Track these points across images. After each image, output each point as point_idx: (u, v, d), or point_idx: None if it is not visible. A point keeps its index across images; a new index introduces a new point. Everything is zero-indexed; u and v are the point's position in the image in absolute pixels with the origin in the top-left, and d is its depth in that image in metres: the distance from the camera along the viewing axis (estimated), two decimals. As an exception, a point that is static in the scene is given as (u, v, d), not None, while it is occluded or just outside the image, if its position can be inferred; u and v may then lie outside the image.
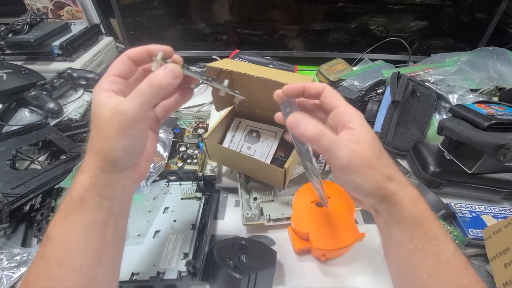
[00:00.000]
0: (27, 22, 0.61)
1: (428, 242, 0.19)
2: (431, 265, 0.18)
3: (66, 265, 0.18)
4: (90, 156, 0.19)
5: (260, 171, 0.37)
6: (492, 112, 0.37)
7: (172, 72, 0.19)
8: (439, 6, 0.62)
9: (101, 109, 0.18)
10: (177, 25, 0.69)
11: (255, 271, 0.26)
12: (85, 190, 0.19)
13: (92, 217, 0.19)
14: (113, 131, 0.18)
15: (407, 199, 0.19)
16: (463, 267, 0.18)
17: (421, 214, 0.19)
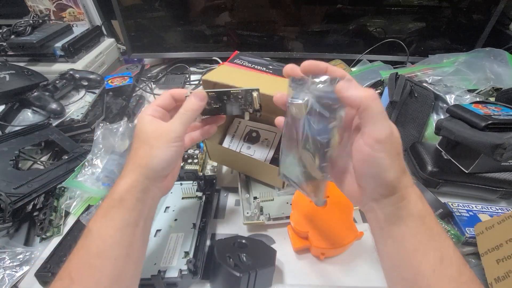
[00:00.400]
0: (29, 24, 0.61)
1: (432, 238, 0.19)
2: (435, 261, 0.18)
3: (103, 256, 0.21)
4: (133, 164, 0.23)
5: (260, 171, 0.37)
6: (489, 112, 0.37)
7: (198, 96, 0.25)
8: (436, 8, 0.63)
9: (148, 128, 0.24)
10: (178, 27, 0.69)
11: (255, 270, 0.26)
12: (126, 192, 0.22)
13: (127, 216, 0.22)
14: (159, 144, 0.23)
15: (415, 194, 0.20)
16: (463, 264, 0.19)
17: (426, 211, 0.20)
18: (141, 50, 0.72)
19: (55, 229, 0.35)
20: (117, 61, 0.76)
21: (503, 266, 0.27)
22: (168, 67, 0.72)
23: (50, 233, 0.35)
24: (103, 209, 0.22)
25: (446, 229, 0.33)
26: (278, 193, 0.38)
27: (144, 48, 0.71)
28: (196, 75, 0.69)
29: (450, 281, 0.18)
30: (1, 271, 0.31)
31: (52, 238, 0.35)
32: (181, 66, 0.71)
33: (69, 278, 0.20)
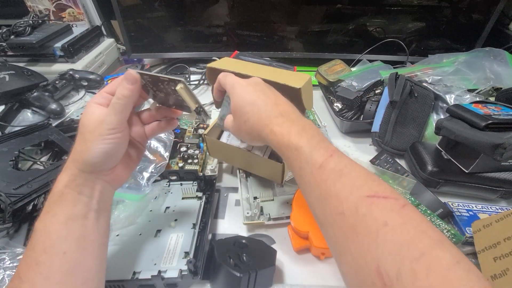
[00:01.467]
0: (29, 24, 0.61)
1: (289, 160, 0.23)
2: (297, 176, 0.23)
3: (50, 251, 0.21)
4: (71, 158, 0.23)
5: (259, 166, 0.37)
6: (489, 112, 0.37)
7: (128, 79, 0.23)
8: (436, 8, 0.63)
9: (86, 119, 0.23)
10: (178, 27, 0.69)
11: (255, 270, 0.26)
12: (64, 186, 0.22)
13: (71, 210, 0.22)
14: (93, 137, 0.22)
15: (266, 136, 0.25)
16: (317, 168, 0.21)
17: (278, 141, 0.24)
18: (141, 50, 0.72)
19: (55, 230, 0.35)
20: (117, 61, 0.76)
21: (500, 264, 0.27)
22: (168, 67, 0.72)
23: (50, 234, 0.35)
24: (46, 206, 0.22)
25: (446, 229, 0.33)
26: (278, 193, 0.38)
27: (144, 48, 0.71)
28: (196, 75, 0.69)
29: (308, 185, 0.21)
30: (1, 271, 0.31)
31: (52, 239, 0.35)
32: (181, 66, 0.70)
33: (18, 278, 0.20)
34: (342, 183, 0.19)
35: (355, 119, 0.53)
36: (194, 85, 0.65)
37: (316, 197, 0.20)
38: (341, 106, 0.55)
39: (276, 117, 0.24)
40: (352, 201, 0.18)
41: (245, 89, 0.27)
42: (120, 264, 0.30)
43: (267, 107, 0.25)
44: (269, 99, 0.26)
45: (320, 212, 0.20)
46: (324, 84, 0.59)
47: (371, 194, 0.18)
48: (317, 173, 0.20)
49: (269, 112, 0.25)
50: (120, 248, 0.32)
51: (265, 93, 0.26)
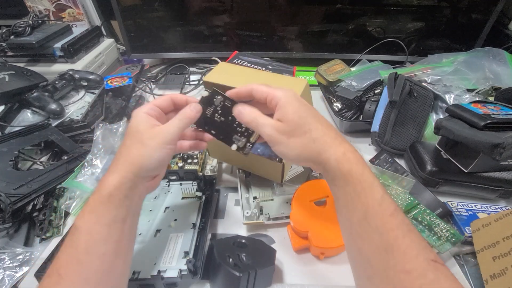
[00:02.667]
0: (29, 24, 0.61)
1: (357, 195, 0.21)
2: (360, 215, 0.21)
3: (92, 252, 0.21)
4: (124, 160, 0.23)
5: (259, 165, 0.37)
6: (488, 111, 0.37)
7: (195, 108, 0.26)
8: (436, 8, 0.63)
9: (143, 126, 0.24)
10: (178, 27, 0.69)
11: (254, 269, 0.26)
12: (114, 188, 0.22)
13: (115, 212, 0.22)
14: (154, 143, 0.23)
15: (333, 157, 0.22)
16: (388, 214, 0.20)
17: (347, 170, 0.21)
18: (140, 50, 0.72)
19: (55, 230, 0.35)
20: (117, 61, 0.76)
21: (499, 263, 0.27)
22: (167, 67, 0.72)
23: (50, 234, 0.35)
24: (91, 205, 0.22)
25: (445, 228, 0.33)
26: (278, 193, 0.38)
27: (143, 48, 0.71)
28: (196, 75, 0.69)
29: (373, 231, 0.20)
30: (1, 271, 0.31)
31: (52, 239, 0.35)
32: (181, 66, 0.71)
33: (57, 274, 0.20)
34: (411, 239, 0.19)
35: (354, 119, 0.53)
36: (194, 85, 0.65)
37: (378, 246, 0.19)
38: (340, 106, 0.55)
39: (346, 143, 0.23)
40: (420, 262, 0.18)
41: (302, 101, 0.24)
42: (120, 264, 0.30)
43: (334, 129, 0.24)
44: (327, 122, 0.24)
45: (379, 264, 0.19)
46: (323, 84, 0.59)
47: (434, 258, 0.18)
48: (387, 220, 0.20)
49: (337, 134, 0.23)
50: (119, 248, 0.32)
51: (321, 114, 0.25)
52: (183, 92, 0.64)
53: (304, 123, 0.23)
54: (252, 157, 0.37)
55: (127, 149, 0.24)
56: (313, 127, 0.23)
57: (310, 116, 0.23)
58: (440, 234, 0.32)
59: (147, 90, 0.63)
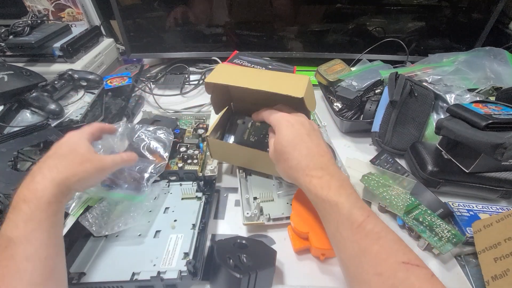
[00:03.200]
0: (28, 24, 0.61)
1: (327, 213, 0.25)
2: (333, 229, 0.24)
3: (33, 258, 0.22)
4: (58, 173, 0.25)
5: (264, 162, 0.37)
6: (489, 111, 0.37)
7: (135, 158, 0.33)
8: (436, 7, 0.63)
9: (83, 149, 0.28)
10: (177, 27, 0.69)
11: (255, 271, 0.26)
12: (53, 196, 0.24)
13: (54, 219, 0.24)
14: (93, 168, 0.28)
15: (303, 184, 0.26)
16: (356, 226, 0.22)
17: (314, 194, 0.25)
18: (140, 50, 0.71)
19: (54, 231, 0.35)
20: (116, 61, 0.75)
21: (501, 264, 0.27)
22: (167, 67, 0.72)
23: (49, 235, 0.35)
24: (26, 214, 0.22)
25: (446, 229, 0.33)
26: (278, 193, 0.38)
27: (143, 48, 0.71)
28: (196, 75, 0.69)
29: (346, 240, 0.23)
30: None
31: (51, 240, 0.35)
32: (181, 66, 0.70)
33: None
34: (380, 245, 0.21)
35: (355, 119, 0.53)
36: (194, 85, 0.65)
37: (351, 254, 0.22)
38: (341, 106, 0.55)
39: (316, 169, 0.26)
40: (390, 264, 0.20)
41: (290, 129, 0.28)
42: (119, 265, 0.30)
43: (308, 156, 0.27)
44: (312, 147, 0.27)
45: (355, 269, 0.22)
46: (324, 84, 0.59)
47: (406, 260, 0.20)
48: (356, 231, 0.22)
49: (309, 162, 0.26)
50: (119, 249, 0.31)
51: (310, 138, 0.28)
52: (183, 92, 0.64)
53: (285, 152, 0.27)
54: (257, 155, 0.36)
55: (62, 163, 0.26)
56: (291, 156, 0.27)
57: (292, 144, 0.27)
58: (441, 235, 0.32)
59: (147, 90, 0.63)
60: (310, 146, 0.27)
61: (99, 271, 0.29)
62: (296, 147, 0.27)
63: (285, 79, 0.33)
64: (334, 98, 0.57)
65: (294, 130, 0.28)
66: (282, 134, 0.28)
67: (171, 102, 0.61)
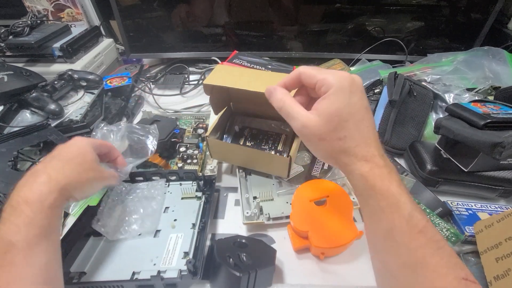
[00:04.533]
0: (27, 24, 0.61)
1: (381, 209, 0.20)
2: (385, 230, 0.20)
3: (34, 265, 0.21)
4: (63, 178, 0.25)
5: (264, 162, 0.37)
6: (487, 111, 0.37)
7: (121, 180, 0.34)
8: (435, 7, 0.63)
9: (90, 156, 0.28)
10: (177, 27, 0.69)
11: (255, 269, 0.26)
12: (55, 200, 0.23)
13: (55, 224, 0.24)
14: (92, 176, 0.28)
15: (357, 171, 0.21)
16: (417, 231, 0.19)
17: (371, 184, 0.20)
18: (139, 50, 0.71)
19: (54, 230, 0.35)
20: (116, 61, 0.75)
21: (502, 264, 0.27)
22: (167, 67, 0.72)
23: (49, 234, 0.35)
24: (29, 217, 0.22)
25: (445, 228, 0.33)
26: (278, 193, 0.38)
27: (142, 48, 0.71)
28: (195, 75, 0.69)
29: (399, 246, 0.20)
30: None
31: (51, 239, 0.35)
32: (180, 66, 0.70)
33: None
34: (440, 257, 0.18)
35: (354, 118, 0.53)
36: (193, 85, 0.65)
37: (405, 263, 0.19)
38: (340, 105, 0.55)
39: (379, 156, 0.21)
40: (450, 280, 0.18)
41: (355, 96, 0.21)
42: (119, 265, 0.30)
43: (370, 139, 0.21)
44: (373, 126, 0.22)
45: (408, 281, 0.19)
46: (323, 84, 0.59)
47: (465, 276, 0.18)
48: (415, 237, 0.19)
49: (371, 145, 0.21)
50: (119, 249, 0.32)
51: (369, 114, 0.22)
52: (182, 92, 0.64)
53: (343, 127, 0.20)
54: (257, 154, 0.37)
55: (69, 167, 0.26)
56: (349, 134, 0.21)
57: (352, 119, 0.21)
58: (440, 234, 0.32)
59: (146, 90, 0.63)
60: (372, 125, 0.22)
61: (100, 271, 0.29)
62: (359, 125, 0.21)
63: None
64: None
65: (358, 98, 0.21)
66: (342, 100, 0.20)
67: (171, 102, 0.61)
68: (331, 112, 0.20)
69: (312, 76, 0.22)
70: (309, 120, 0.21)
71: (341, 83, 0.20)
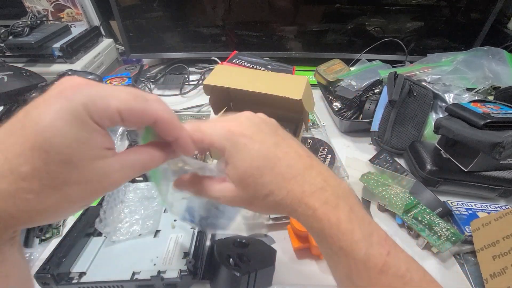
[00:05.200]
0: (27, 25, 0.61)
1: (335, 253, 0.18)
2: (343, 275, 0.18)
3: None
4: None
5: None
6: (487, 111, 0.38)
7: None
8: (435, 7, 0.63)
9: None
10: (177, 27, 0.69)
11: (255, 270, 0.26)
12: None
13: None
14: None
15: (302, 217, 0.19)
16: (377, 272, 0.17)
17: (319, 229, 0.18)
18: (139, 50, 0.71)
19: (54, 230, 0.35)
20: (116, 61, 0.75)
21: (499, 262, 0.27)
22: (167, 67, 0.72)
23: (49, 234, 0.35)
24: None
25: (445, 228, 0.33)
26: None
27: (142, 49, 0.71)
28: (195, 75, 0.69)
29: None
30: None
31: (52, 239, 0.35)
32: (180, 66, 0.70)
33: None
34: None
35: (354, 118, 0.53)
36: (193, 85, 0.65)
37: None
38: (340, 105, 0.55)
39: (320, 188, 0.18)
40: None
41: (252, 144, 0.18)
42: (119, 265, 0.30)
43: (300, 174, 0.18)
44: (300, 159, 0.19)
45: None
46: (323, 84, 0.59)
47: None
48: (376, 279, 0.17)
49: (307, 181, 0.18)
50: (119, 249, 0.32)
51: (282, 149, 0.18)
52: (182, 92, 0.64)
53: (262, 184, 0.18)
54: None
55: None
56: (274, 186, 0.18)
57: (266, 170, 0.18)
58: (440, 233, 0.32)
59: (146, 90, 0.63)
60: (294, 157, 0.19)
61: (100, 271, 0.29)
62: (277, 170, 0.18)
63: (284, 80, 0.33)
64: (333, 98, 0.57)
65: (259, 144, 0.18)
66: (246, 157, 0.18)
67: (171, 102, 0.61)
68: (240, 176, 0.18)
69: (199, 141, 0.18)
70: (229, 192, 0.19)
71: (231, 141, 0.18)
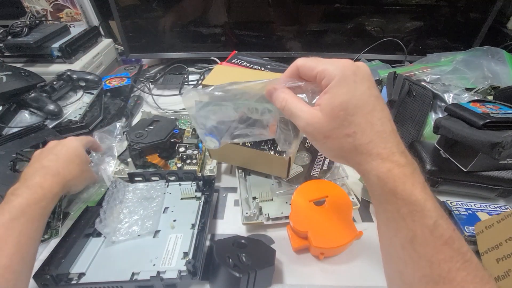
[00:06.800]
0: (26, 25, 0.61)
1: (401, 217, 0.18)
2: (404, 239, 0.18)
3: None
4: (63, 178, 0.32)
5: (264, 162, 0.37)
6: (487, 111, 0.37)
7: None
8: (434, 7, 0.63)
9: (84, 158, 0.36)
10: (176, 27, 0.69)
11: (254, 270, 0.26)
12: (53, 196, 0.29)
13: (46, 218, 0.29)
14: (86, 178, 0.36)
15: (374, 172, 0.18)
16: (441, 243, 0.17)
17: (391, 188, 0.18)
18: (139, 50, 0.71)
19: (53, 231, 0.35)
20: (115, 61, 0.75)
21: (502, 265, 0.27)
22: (166, 67, 0.72)
23: (48, 235, 0.35)
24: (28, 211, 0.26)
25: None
26: (278, 193, 0.38)
27: (142, 49, 0.71)
28: (195, 75, 0.69)
29: (420, 258, 0.17)
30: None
31: (50, 240, 0.35)
32: (179, 66, 0.70)
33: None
34: (467, 272, 0.17)
35: (353, 118, 0.53)
36: (193, 85, 0.65)
37: (423, 275, 0.17)
38: (339, 105, 0.55)
39: (400, 153, 0.18)
40: None
41: (360, 86, 0.18)
42: (119, 265, 0.30)
43: (386, 132, 0.18)
44: (387, 117, 0.19)
45: None
46: (322, 84, 0.59)
47: None
48: (440, 249, 0.17)
49: (387, 140, 0.18)
50: (118, 249, 0.31)
51: (381, 103, 0.19)
52: (182, 92, 0.64)
53: (350, 122, 0.18)
54: (256, 154, 0.36)
55: (68, 168, 0.32)
56: (359, 129, 0.18)
57: (361, 112, 0.18)
58: (440, 234, 0.32)
59: (146, 91, 0.63)
60: (386, 116, 0.19)
61: (99, 271, 0.29)
62: (369, 117, 0.18)
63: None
64: (333, 98, 0.57)
65: (365, 88, 0.18)
66: (347, 92, 0.18)
67: (170, 102, 0.61)
68: (334, 106, 0.18)
69: (311, 68, 0.19)
70: (312, 117, 0.19)
71: (344, 73, 0.18)
